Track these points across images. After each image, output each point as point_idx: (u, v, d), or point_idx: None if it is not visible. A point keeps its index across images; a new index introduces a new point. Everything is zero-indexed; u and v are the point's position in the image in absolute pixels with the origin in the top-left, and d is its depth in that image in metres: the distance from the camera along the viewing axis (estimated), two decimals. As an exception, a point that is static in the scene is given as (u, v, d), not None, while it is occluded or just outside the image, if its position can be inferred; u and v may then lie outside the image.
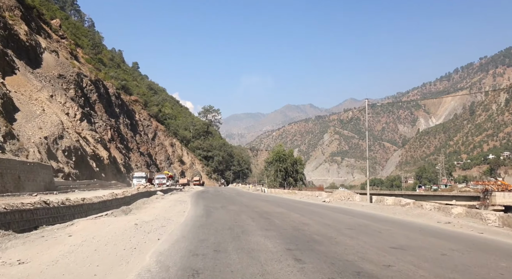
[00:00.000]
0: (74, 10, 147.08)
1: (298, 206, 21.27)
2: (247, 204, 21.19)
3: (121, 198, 17.49)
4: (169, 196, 30.27)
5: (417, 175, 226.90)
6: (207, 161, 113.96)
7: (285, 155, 56.86)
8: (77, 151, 40.90)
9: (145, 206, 17.54)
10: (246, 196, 31.73)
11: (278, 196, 32.65)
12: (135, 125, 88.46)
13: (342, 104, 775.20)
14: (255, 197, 31.48)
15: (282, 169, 55.16)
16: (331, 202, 23.74)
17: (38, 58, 61.27)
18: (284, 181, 54.70)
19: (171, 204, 19.81)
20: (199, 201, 24.07)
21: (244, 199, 26.73)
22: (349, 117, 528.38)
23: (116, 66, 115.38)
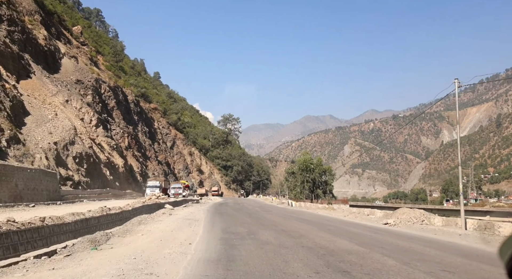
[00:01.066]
0: (99, 21, 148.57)
1: (360, 233, 14.77)
2: (284, 228, 15.08)
3: (116, 214, 13.55)
4: (180, 210, 26.31)
5: (443, 189, 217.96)
6: (226, 171, 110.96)
7: (312, 164, 51.65)
8: (89, 158, 38.50)
9: (138, 229, 12.93)
10: (274, 212, 26.71)
11: (313, 213, 25.87)
12: (154, 133, 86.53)
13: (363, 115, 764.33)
14: (287, 214, 25.74)
15: (309, 179, 50.45)
16: (397, 225, 17.22)
17: (57, 63, 60.06)
18: (311, 193, 50.41)
19: (176, 225, 15.22)
20: (215, 219, 19.31)
21: (275, 218, 21.30)
22: (370, 128, 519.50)
23: (136, 74, 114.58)
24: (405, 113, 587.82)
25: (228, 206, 35.00)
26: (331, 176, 51.17)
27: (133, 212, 17.20)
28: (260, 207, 34.01)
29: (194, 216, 21.05)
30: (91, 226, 10.87)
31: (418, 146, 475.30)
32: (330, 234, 13.59)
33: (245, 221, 18.27)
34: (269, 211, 28.26)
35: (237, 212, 25.90)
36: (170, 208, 25.19)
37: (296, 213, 26.21)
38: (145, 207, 20.91)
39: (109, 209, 13.41)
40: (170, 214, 21.18)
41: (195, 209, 28.70)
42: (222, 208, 30.85)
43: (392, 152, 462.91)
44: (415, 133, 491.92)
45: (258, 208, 32.04)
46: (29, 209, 18.74)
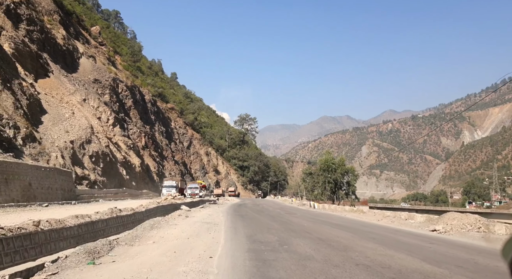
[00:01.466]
0: (117, 23, 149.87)
1: (413, 243, 12.24)
2: (320, 236, 12.69)
3: (127, 216, 12.23)
4: (197, 211, 24.57)
5: (465, 191, 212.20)
6: (243, 171, 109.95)
7: (334, 164, 48.85)
8: (106, 157, 37.99)
9: (150, 234, 11.22)
10: (298, 215, 24.27)
11: (342, 217, 23.67)
12: (171, 133, 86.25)
13: (381, 115, 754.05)
14: (313, 217, 23.23)
15: (331, 180, 47.73)
16: (447, 232, 14.60)
17: (75, 63, 60.20)
18: (333, 194, 48.70)
19: (193, 230, 13.35)
20: (237, 223, 17.09)
21: (303, 222, 18.60)
22: (388, 128, 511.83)
23: (154, 74, 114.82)
24: (425, 113, 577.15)
25: (248, 208, 33.54)
26: (354, 177, 48.79)
27: (147, 214, 15.85)
28: (281, 209, 32.18)
29: (213, 219, 19.25)
30: (98, 230, 9.62)
31: (437, 147, 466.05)
32: (379, 244, 11.14)
33: (271, 226, 15.95)
34: (293, 213, 26.01)
35: (259, 215, 23.93)
36: (187, 209, 23.65)
37: (323, 216, 23.97)
38: (160, 208, 19.51)
39: (120, 210, 12.16)
40: (186, 216, 19.48)
41: (213, 210, 27.03)
42: (241, 210, 29.44)
43: (411, 153, 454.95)
44: (434, 133, 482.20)
45: (280, 210, 30.24)
46: (41, 209, 18.03)
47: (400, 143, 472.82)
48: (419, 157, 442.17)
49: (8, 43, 41.93)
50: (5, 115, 26.89)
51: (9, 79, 33.21)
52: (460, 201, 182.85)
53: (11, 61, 37.00)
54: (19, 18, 49.23)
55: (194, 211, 24.66)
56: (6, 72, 33.65)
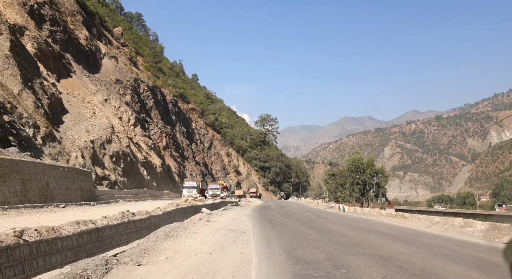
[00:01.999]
0: (140, 25, 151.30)
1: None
2: (379, 253, 9.82)
3: (141, 221, 10.69)
4: (219, 215, 22.38)
5: (494, 193, 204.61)
6: (264, 172, 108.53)
7: (362, 164, 46.20)
8: (126, 157, 37.38)
9: (163, 247, 9.10)
10: (332, 220, 21.36)
11: (382, 222, 20.33)
12: (191, 133, 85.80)
13: (404, 116, 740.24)
14: (350, 222, 19.94)
15: (359, 181, 45.30)
16: None
17: (97, 63, 60.34)
18: (361, 196, 46.38)
19: (216, 241, 10.98)
20: (267, 232, 14.19)
21: (344, 230, 15.37)
22: (412, 129, 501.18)
23: (175, 75, 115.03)
24: (449, 113, 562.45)
25: (273, 210, 31.56)
26: (384, 178, 45.80)
27: (164, 218, 14.34)
28: (310, 212, 30.06)
29: (238, 224, 16.98)
30: (104, 239, 8.06)
31: (463, 148, 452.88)
32: (464, 266, 8.09)
33: (309, 236, 12.93)
34: (325, 218, 23.47)
35: (288, 219, 21.55)
36: (208, 212, 21.77)
37: (360, 221, 20.95)
38: (179, 211, 17.94)
39: (133, 214, 10.68)
40: (207, 221, 17.30)
41: (236, 213, 25.08)
42: (267, 213, 27.44)
43: (435, 154, 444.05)
44: (460, 134, 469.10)
45: (309, 214, 28.27)
46: (56, 211, 17.18)
47: (424, 144, 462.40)
48: (444, 159, 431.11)
49: (31, 43, 42.00)
50: (25, 114, 26.44)
51: (30, 78, 32.98)
52: (489, 203, 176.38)
53: (32, 60, 36.88)
54: (42, 19, 49.51)
55: (216, 214, 22.77)
56: (27, 71, 33.46)
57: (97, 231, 7.56)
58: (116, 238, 8.49)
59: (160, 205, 17.65)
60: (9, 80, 29.95)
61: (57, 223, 7.64)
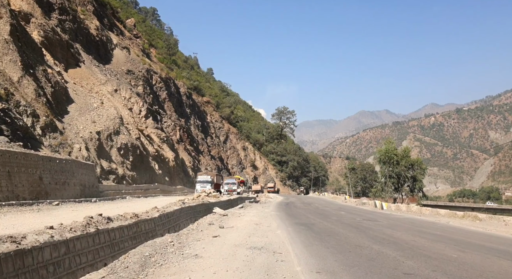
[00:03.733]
0: (154, 20, 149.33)
1: None
2: None
3: (120, 229, 7.46)
4: (237, 216, 18.04)
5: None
6: (281, 167, 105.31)
7: (397, 155, 41.24)
8: (136, 150, 34.86)
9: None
10: (386, 224, 16.93)
11: (458, 228, 15.45)
12: (207, 126, 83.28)
13: (422, 109, 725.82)
14: (421, 229, 14.89)
15: (393, 174, 40.39)
16: None
17: (108, 54, 58.22)
18: (396, 191, 41.44)
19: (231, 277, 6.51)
20: (321, 254, 8.93)
21: (440, 247, 10.40)
22: (431, 122, 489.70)
23: (189, 68, 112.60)
24: (470, 106, 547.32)
25: (301, 209, 27.48)
26: (421, 171, 40.91)
27: (162, 222, 10.56)
28: (346, 211, 26.20)
29: (265, 234, 11.96)
30: (36, 268, 4.78)
31: (485, 141, 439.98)
32: None
33: (398, 264, 7.95)
34: (374, 220, 18.97)
35: (329, 222, 16.89)
36: (221, 213, 17.55)
37: (425, 226, 16.07)
38: (185, 210, 14.05)
39: (108, 220, 7.29)
40: (220, 228, 12.79)
41: (258, 214, 20.44)
42: (295, 213, 23.06)
43: (456, 147, 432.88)
44: (481, 127, 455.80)
45: (346, 213, 24.25)
46: (47, 209, 14.60)
47: (444, 138, 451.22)
48: (465, 152, 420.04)
49: (37, 31, 39.88)
50: (22, 102, 24.06)
51: (32, 65, 30.70)
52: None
53: (37, 47, 34.65)
54: (51, 7, 47.56)
55: (232, 215, 18.53)
56: (30, 58, 31.20)
57: (21, 254, 4.32)
58: (58, 268, 5.10)
59: (158, 205, 13.73)
60: (8, 66, 27.67)
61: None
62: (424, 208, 23.80)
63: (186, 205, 15.02)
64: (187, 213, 14.59)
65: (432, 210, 23.09)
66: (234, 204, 26.21)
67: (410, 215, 23.76)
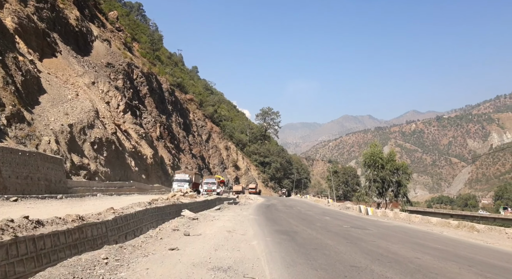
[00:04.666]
0: (140, 15, 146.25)
1: None
2: None
3: (67, 232, 6.22)
4: (209, 221, 16.19)
5: (497, 195, 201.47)
6: (264, 168, 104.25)
7: (382, 159, 40.32)
8: (111, 145, 33.21)
9: None
10: (377, 233, 15.52)
11: (458, 240, 14.19)
12: (189, 124, 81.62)
13: (404, 116, 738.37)
14: (417, 241, 13.52)
15: (378, 178, 39.28)
16: None
17: (88, 46, 56.14)
18: (380, 195, 40.58)
19: None
20: (307, 277, 7.12)
21: (448, 267, 8.95)
22: (412, 129, 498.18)
23: (173, 64, 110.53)
24: (450, 114, 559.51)
25: (282, 212, 25.86)
26: (406, 176, 40.26)
27: (116, 225, 8.84)
28: (332, 217, 24.49)
29: (237, 246, 10.03)
30: None
31: (463, 149, 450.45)
32: None
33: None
34: (364, 228, 17.51)
35: (314, 230, 15.10)
36: (191, 217, 15.41)
37: (420, 236, 14.87)
38: (150, 212, 12.23)
39: (37, 224, 5.77)
40: (184, 235, 10.93)
41: (235, 218, 18.77)
42: (277, 217, 21.48)
43: (435, 154, 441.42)
44: (460, 135, 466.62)
45: (331, 219, 22.59)
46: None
47: (424, 144, 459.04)
48: (444, 159, 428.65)
49: (11, 17, 37.77)
50: (-15, 89, 22.28)
51: (1, 51, 28.81)
52: (492, 206, 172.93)
53: (8, 33, 32.68)
54: (27, -6, 45.42)
55: (204, 219, 16.58)
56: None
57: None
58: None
59: (133, 202, 12.54)
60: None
61: None
62: (414, 216, 22.63)
63: (153, 206, 13.27)
64: (154, 215, 12.93)
65: (423, 218, 21.92)
66: (211, 205, 24.80)
67: (398, 222, 22.49)
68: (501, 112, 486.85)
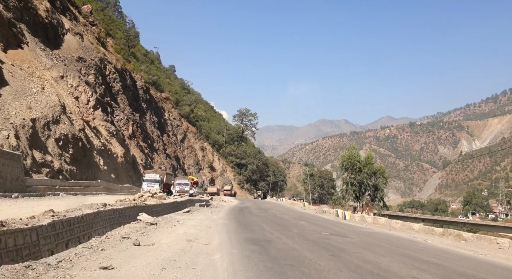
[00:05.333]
0: (116, 12, 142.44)
1: None
2: None
3: None
4: (170, 227, 14.02)
5: (465, 201, 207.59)
6: (240, 169, 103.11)
7: (360, 162, 39.51)
8: (78, 142, 31.40)
9: None
10: (359, 241, 14.46)
11: (443, 249, 13.73)
12: (164, 124, 79.67)
13: (378, 121, 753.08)
14: (404, 252, 12.55)
15: (355, 182, 38.31)
16: None
17: (59, 39, 53.71)
18: (357, 199, 39.52)
19: None
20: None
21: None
22: (386, 134, 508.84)
23: (149, 62, 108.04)
24: (422, 121, 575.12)
25: (256, 216, 24.22)
26: (383, 179, 39.11)
27: (53, 232, 7.41)
28: (309, 222, 22.87)
29: (193, 264, 8.10)
30: None
31: (434, 155, 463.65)
32: None
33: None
34: (344, 235, 16.45)
35: (290, 239, 13.41)
36: (148, 222, 13.32)
37: (406, 246, 13.66)
38: (104, 215, 10.68)
39: None
40: (133, 245, 9.15)
41: (201, 222, 16.73)
42: (249, 222, 19.88)
43: (407, 160, 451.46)
44: (432, 141, 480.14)
45: (308, 224, 21.12)
46: None
47: (397, 150, 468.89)
48: (416, 165, 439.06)
49: (-28, 5, 35.51)
50: None
51: (-42, 38, 26.69)
52: (462, 211, 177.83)
53: (-33, 20, 30.45)
54: (-8, -19, 42.86)
55: (166, 224, 14.35)
56: (-44, 30, 27.14)
57: None
58: None
59: (94, 202, 11.09)
60: None
61: None
62: (394, 221, 21.64)
63: (108, 208, 11.45)
64: (108, 219, 11.29)
65: (404, 224, 20.85)
66: (180, 208, 23.38)
67: (378, 228, 21.25)
68: (471, 120, 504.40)
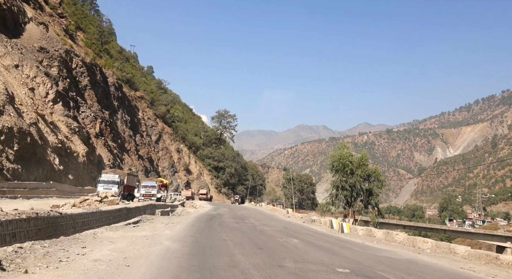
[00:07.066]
0: (93, 10, 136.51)
1: None
2: None
3: None
4: (64, 258, 8.04)
5: (441, 207, 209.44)
6: (217, 173, 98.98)
7: (352, 163, 34.69)
8: (25, 137, 27.07)
9: None
10: None
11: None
12: (137, 123, 75.08)
13: (356, 127, 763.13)
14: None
15: (346, 186, 33.60)
16: None
17: (19, 27, 48.92)
18: (348, 205, 34.48)
19: None
20: None
21: None
22: (363, 140, 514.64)
23: (124, 60, 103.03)
24: (399, 128, 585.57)
25: (229, 230, 18.38)
26: (378, 183, 34.79)
27: None
28: (302, 240, 16.74)
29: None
30: None
31: (410, 161, 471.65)
32: None
33: None
34: (371, 271, 10.17)
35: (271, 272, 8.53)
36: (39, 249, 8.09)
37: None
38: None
39: None
40: None
41: (136, 242, 11.63)
42: (215, 243, 13.44)
43: (384, 166, 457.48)
44: (408, 148, 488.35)
45: (302, 244, 15.30)
46: None
47: (374, 156, 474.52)
48: (392, 171, 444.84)
49: None
50: None
51: None
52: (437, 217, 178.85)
53: None
54: None
55: (71, 246, 9.69)
56: None
57: None
58: None
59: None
60: None
61: None
62: (421, 240, 15.60)
63: None
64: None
65: (438, 245, 14.70)
66: (131, 216, 18.73)
67: (404, 250, 15.23)
68: (445, 128, 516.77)
